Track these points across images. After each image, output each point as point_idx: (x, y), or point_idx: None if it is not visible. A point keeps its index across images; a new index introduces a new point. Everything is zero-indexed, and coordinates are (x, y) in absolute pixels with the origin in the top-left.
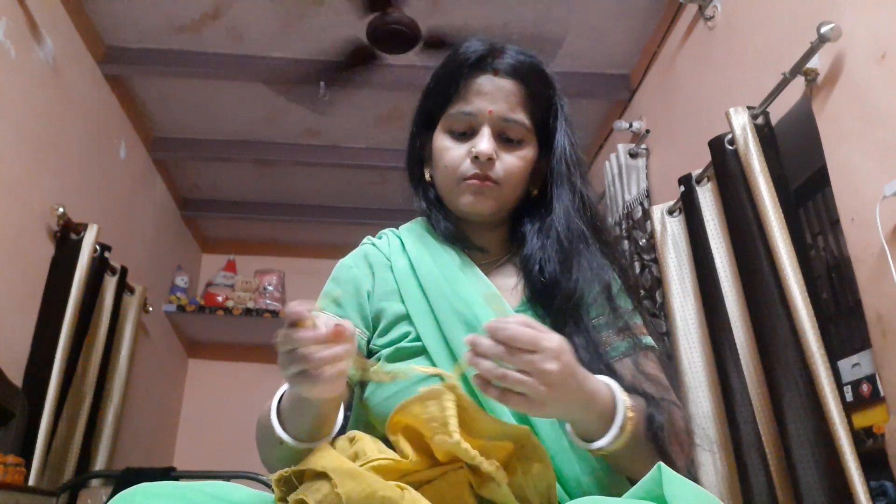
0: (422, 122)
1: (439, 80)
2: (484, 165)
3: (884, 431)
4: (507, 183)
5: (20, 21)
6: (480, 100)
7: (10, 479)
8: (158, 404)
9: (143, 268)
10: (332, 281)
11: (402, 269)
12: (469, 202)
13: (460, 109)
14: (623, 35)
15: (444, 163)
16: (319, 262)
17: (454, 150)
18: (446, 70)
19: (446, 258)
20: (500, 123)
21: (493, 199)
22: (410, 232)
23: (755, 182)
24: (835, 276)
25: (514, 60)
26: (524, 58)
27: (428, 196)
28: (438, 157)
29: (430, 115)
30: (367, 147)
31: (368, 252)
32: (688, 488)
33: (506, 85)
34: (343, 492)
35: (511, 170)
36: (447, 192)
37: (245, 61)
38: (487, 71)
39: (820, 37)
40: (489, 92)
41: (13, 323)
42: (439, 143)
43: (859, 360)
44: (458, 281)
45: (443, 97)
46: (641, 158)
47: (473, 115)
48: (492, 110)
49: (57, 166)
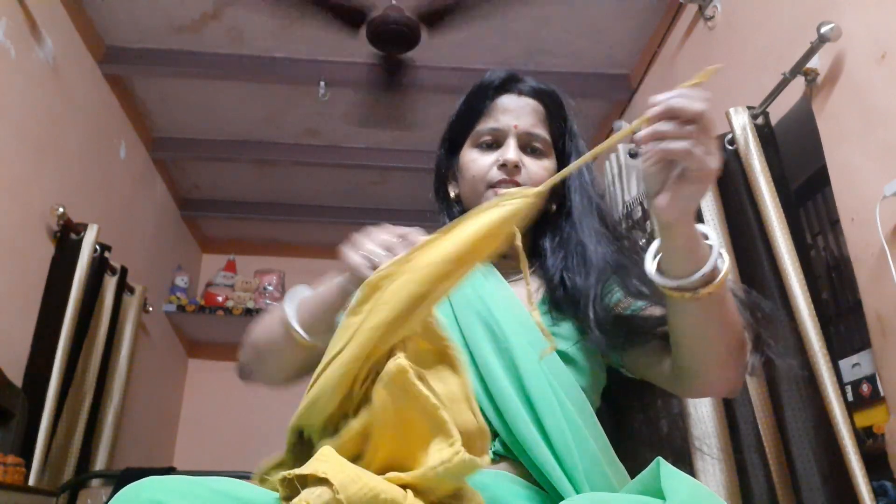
0: (449, 145)
1: (466, 105)
2: (511, 171)
3: (884, 431)
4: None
5: (20, 21)
6: (506, 116)
7: (10, 479)
8: (158, 404)
9: (143, 268)
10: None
11: None
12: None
13: (487, 125)
14: (623, 35)
15: (472, 172)
16: (319, 262)
17: (481, 160)
18: (472, 95)
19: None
20: (524, 137)
21: None
22: None
23: (755, 182)
24: (835, 276)
25: (535, 84)
26: (543, 84)
27: (452, 213)
28: (466, 168)
29: (457, 138)
30: (367, 147)
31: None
32: (685, 482)
33: (529, 103)
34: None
35: (535, 177)
36: (474, 199)
37: (245, 61)
38: (512, 91)
39: (820, 37)
40: (514, 109)
41: (13, 323)
42: (467, 157)
43: (859, 360)
44: (479, 282)
45: (470, 118)
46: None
47: (500, 130)
48: (517, 125)
49: (57, 166)
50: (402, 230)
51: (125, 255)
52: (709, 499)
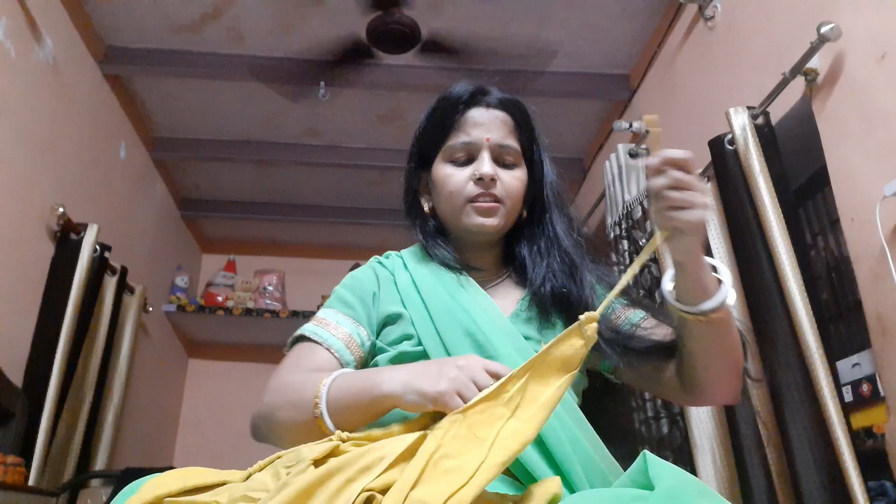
0: (419, 159)
1: (434, 119)
2: (487, 185)
3: (884, 431)
4: (509, 200)
5: (20, 21)
6: (477, 129)
7: (10, 479)
8: (158, 404)
9: (143, 268)
10: (343, 287)
11: (405, 282)
12: (478, 222)
13: (459, 140)
14: (623, 35)
15: (449, 188)
16: (319, 262)
17: (457, 176)
18: (440, 109)
19: (445, 274)
20: (496, 149)
21: (498, 217)
22: (411, 254)
23: (755, 182)
24: (835, 276)
25: (501, 96)
26: (509, 96)
27: (426, 228)
28: (442, 184)
29: (427, 152)
30: (367, 147)
31: (376, 267)
32: (671, 470)
33: (498, 115)
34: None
35: (510, 188)
36: (452, 214)
37: (245, 61)
38: (481, 104)
39: (820, 37)
40: (485, 122)
41: (13, 323)
42: (441, 172)
43: (859, 360)
44: (458, 292)
45: (440, 133)
46: (641, 158)
47: (473, 144)
48: (489, 138)
49: (57, 166)
50: (493, 367)
51: (125, 255)
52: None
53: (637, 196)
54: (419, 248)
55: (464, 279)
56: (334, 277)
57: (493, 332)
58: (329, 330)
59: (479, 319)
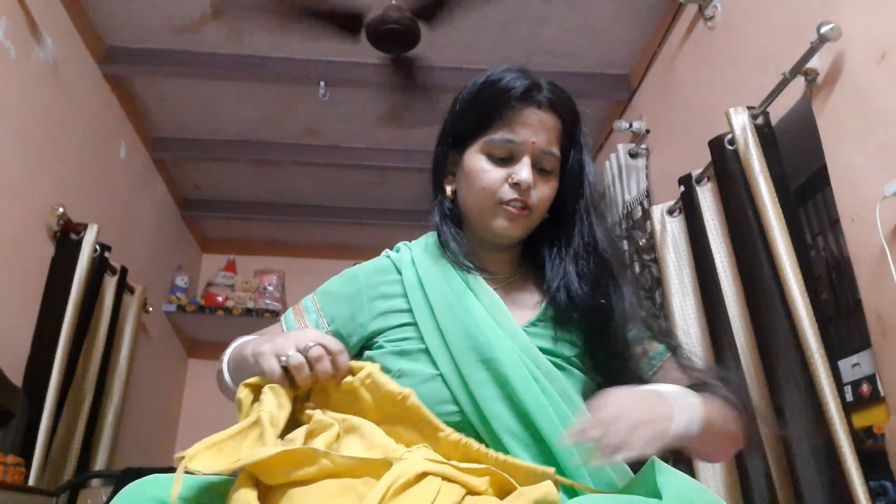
0: (452, 139)
1: (479, 104)
2: (524, 193)
3: (884, 431)
4: (538, 210)
5: (20, 21)
6: (525, 131)
7: (10, 479)
8: (158, 404)
9: (143, 268)
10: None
11: (410, 279)
12: (503, 226)
13: (505, 137)
14: (623, 35)
15: (482, 184)
16: (319, 262)
17: (492, 173)
18: (487, 95)
19: (453, 274)
20: (539, 155)
21: (524, 225)
22: (422, 247)
23: (755, 182)
24: (835, 276)
25: (554, 95)
26: (561, 93)
27: (443, 209)
28: (474, 177)
29: (463, 135)
30: (367, 147)
31: (382, 266)
32: (679, 478)
33: (548, 120)
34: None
35: (543, 198)
36: (478, 211)
37: (245, 61)
38: (532, 103)
39: (820, 37)
40: (534, 124)
41: (13, 323)
42: (476, 164)
43: (859, 360)
44: (464, 294)
45: (483, 122)
46: (641, 158)
47: (518, 144)
48: (535, 142)
49: (57, 166)
50: (329, 344)
51: (125, 255)
52: (702, 493)
53: (637, 196)
54: (433, 239)
55: (473, 280)
56: None
57: (497, 338)
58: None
59: (483, 322)
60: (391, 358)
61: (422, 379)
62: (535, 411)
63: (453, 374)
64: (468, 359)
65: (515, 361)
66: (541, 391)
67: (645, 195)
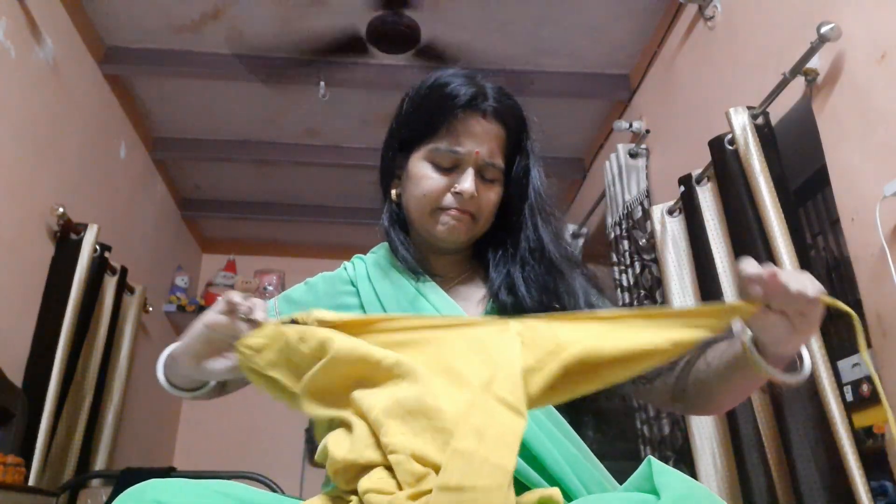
0: (398, 143)
1: (424, 110)
2: (466, 202)
3: (884, 431)
4: (483, 217)
5: (20, 21)
6: (469, 141)
7: (10, 479)
8: (158, 404)
9: (143, 268)
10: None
11: (367, 294)
12: (445, 231)
13: (449, 147)
14: (623, 35)
15: (423, 191)
16: (319, 262)
17: (435, 181)
18: (432, 102)
19: (405, 283)
20: (482, 164)
21: (468, 230)
22: (374, 260)
23: (755, 182)
24: (835, 276)
25: (500, 105)
26: (507, 100)
27: (391, 213)
28: (416, 184)
29: (409, 140)
30: (367, 147)
31: (341, 276)
32: (676, 477)
33: (492, 129)
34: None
35: (486, 206)
36: (419, 217)
37: (245, 61)
38: (477, 112)
39: (820, 37)
40: (478, 134)
41: (13, 323)
42: (419, 171)
43: (859, 360)
44: (416, 300)
45: (427, 129)
46: (641, 158)
47: (462, 155)
48: (478, 152)
49: (57, 166)
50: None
51: (125, 255)
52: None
53: (637, 196)
54: (384, 251)
55: (423, 284)
56: None
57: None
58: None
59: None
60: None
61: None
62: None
63: None
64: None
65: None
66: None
67: (645, 195)
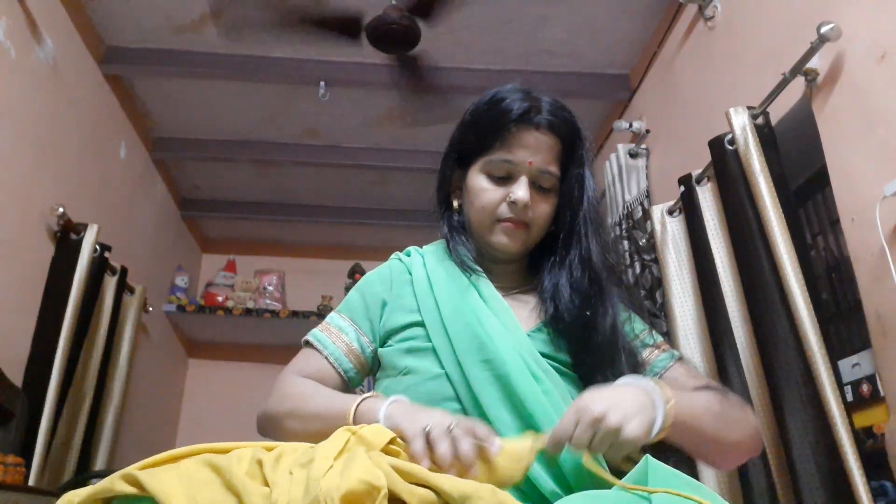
0: (456, 156)
1: (479, 125)
2: (520, 211)
3: (884, 431)
4: (536, 226)
5: (20, 21)
6: (523, 151)
7: (9, 479)
8: (158, 404)
9: (143, 268)
10: (356, 290)
11: (421, 280)
12: (502, 242)
13: (503, 157)
14: (623, 35)
15: (482, 203)
16: (319, 262)
17: (491, 193)
18: (489, 117)
19: (459, 274)
20: (536, 174)
21: (523, 241)
22: (432, 251)
23: (755, 182)
24: (835, 276)
25: (554, 117)
26: (563, 114)
27: (451, 222)
28: (475, 195)
29: (466, 154)
30: (367, 147)
31: (393, 268)
32: (672, 475)
33: (546, 141)
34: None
35: (541, 215)
36: (479, 228)
37: (245, 61)
38: (530, 125)
39: (820, 37)
40: (531, 145)
41: (13, 323)
42: (477, 183)
43: (859, 360)
44: (468, 292)
45: (482, 142)
46: (641, 158)
47: (514, 165)
48: (532, 161)
49: (57, 166)
50: (480, 432)
51: (125, 255)
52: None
53: (637, 196)
54: (443, 245)
55: (477, 279)
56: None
57: (501, 338)
58: (331, 338)
59: (487, 323)
60: (399, 355)
61: (427, 377)
62: (534, 410)
63: (457, 373)
64: (472, 359)
65: (517, 361)
66: (541, 392)
67: (645, 195)
